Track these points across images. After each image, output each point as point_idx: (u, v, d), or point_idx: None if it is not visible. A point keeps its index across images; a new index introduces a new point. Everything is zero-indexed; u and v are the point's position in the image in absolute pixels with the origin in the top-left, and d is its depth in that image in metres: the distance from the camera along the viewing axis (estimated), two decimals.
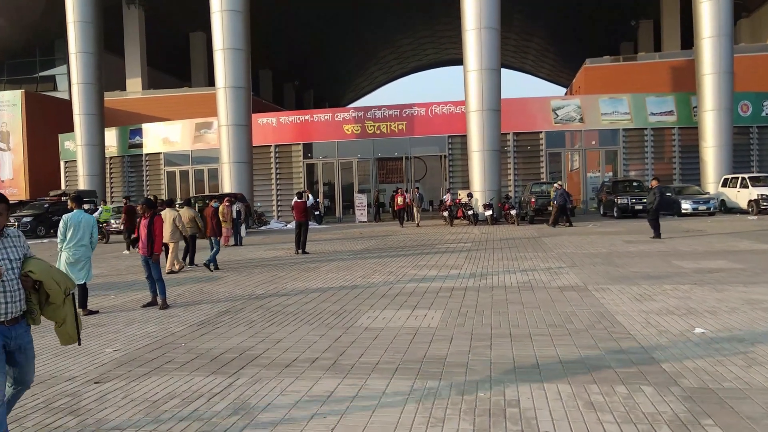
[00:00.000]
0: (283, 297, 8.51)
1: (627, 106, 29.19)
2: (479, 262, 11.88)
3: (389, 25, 55.45)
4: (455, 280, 9.54)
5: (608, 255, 12.12)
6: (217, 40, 26.28)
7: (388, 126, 29.89)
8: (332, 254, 14.63)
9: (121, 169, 34.62)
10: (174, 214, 12.15)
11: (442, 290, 8.63)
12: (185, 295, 9.20)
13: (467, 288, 8.74)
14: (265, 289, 9.35)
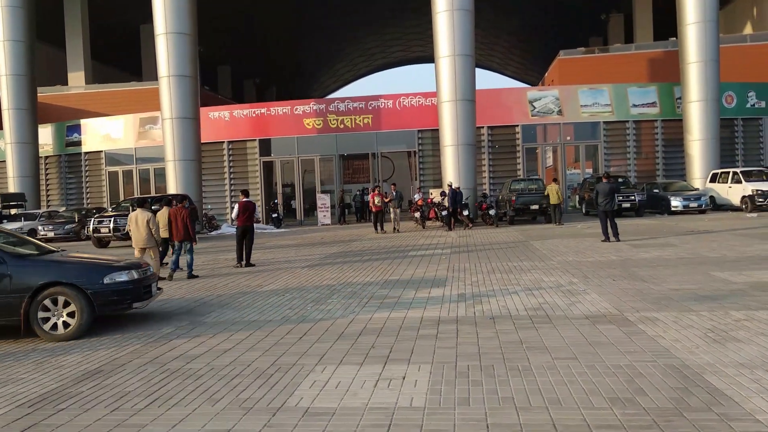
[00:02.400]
0: (194, 342, 5.93)
1: (608, 97, 27.30)
2: (466, 275, 9.48)
3: (353, 21, 53.00)
4: (440, 305, 7.10)
5: (623, 264, 9.86)
6: (158, 23, 23.42)
7: (352, 120, 27.38)
8: (283, 265, 12.05)
9: (58, 170, 31.27)
10: (147, 216, 10.53)
11: (424, 324, 6.18)
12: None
13: (459, 320, 6.30)
14: (174, 326, 6.73)
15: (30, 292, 6.27)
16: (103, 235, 18.89)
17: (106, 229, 18.70)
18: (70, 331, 6.35)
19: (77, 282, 6.39)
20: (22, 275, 6.35)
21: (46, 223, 23.79)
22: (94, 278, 6.48)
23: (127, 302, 6.64)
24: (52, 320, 6.37)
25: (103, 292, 6.44)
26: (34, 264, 6.60)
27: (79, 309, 6.34)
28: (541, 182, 22.47)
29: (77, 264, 6.86)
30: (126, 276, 6.65)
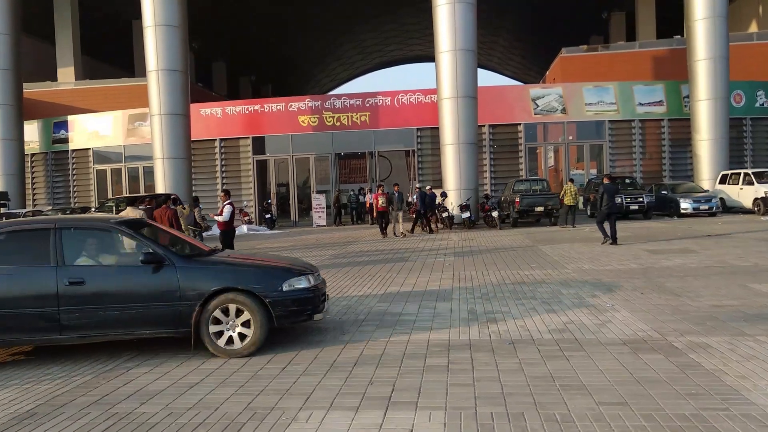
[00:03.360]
0: (155, 372, 4.97)
1: (613, 95, 26.39)
2: (474, 285, 8.54)
3: (352, 18, 52.05)
4: (449, 325, 6.15)
5: (645, 273, 8.94)
6: (147, 14, 22.39)
7: (349, 117, 26.39)
8: None
9: (45, 168, 30.22)
10: (139, 214, 10.04)
11: (432, 350, 5.23)
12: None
13: (473, 344, 5.35)
14: (138, 349, 5.77)
15: (201, 299, 5.28)
16: None
17: None
18: (247, 344, 5.33)
19: (254, 288, 5.38)
20: (192, 279, 5.34)
21: None
22: (272, 284, 5.45)
23: (307, 313, 5.60)
24: (226, 333, 5.36)
25: (282, 301, 5.41)
26: (203, 266, 5.59)
27: (256, 321, 5.32)
28: (546, 183, 21.56)
29: (252, 267, 5.82)
30: (305, 282, 5.63)
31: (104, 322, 5.26)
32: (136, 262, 5.41)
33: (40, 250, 5.40)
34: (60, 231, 5.48)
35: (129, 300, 5.26)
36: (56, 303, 5.18)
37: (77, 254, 5.55)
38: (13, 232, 5.60)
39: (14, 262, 5.38)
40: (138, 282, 5.33)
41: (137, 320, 5.27)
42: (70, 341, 5.31)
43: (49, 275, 5.26)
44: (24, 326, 5.22)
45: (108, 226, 5.76)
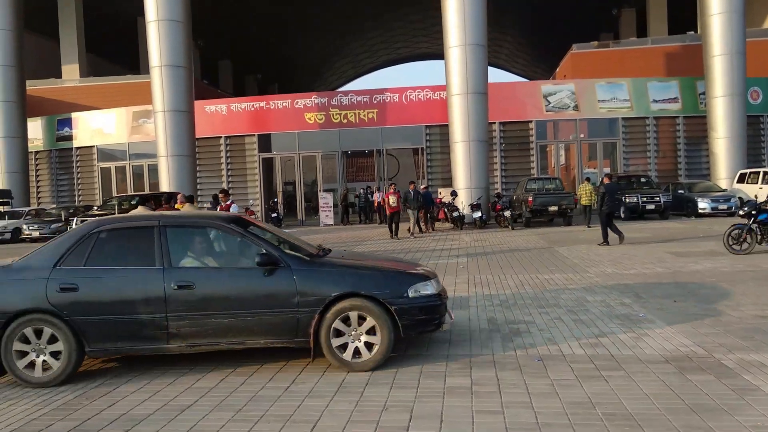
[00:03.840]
0: (145, 391, 4.50)
1: (627, 92, 25.77)
2: (491, 291, 8.01)
3: (358, 16, 51.54)
4: (468, 337, 5.63)
5: (674, 278, 8.39)
6: (150, 9, 21.95)
7: (356, 115, 25.88)
8: None
9: (49, 166, 29.86)
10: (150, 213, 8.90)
11: (452, 368, 4.70)
12: None
13: (497, 361, 4.82)
14: (118, 369, 5.28)
15: (321, 306, 4.74)
16: None
17: None
18: (374, 356, 4.74)
19: (379, 294, 4.79)
20: (310, 284, 4.80)
21: (31, 222, 22.39)
22: (397, 290, 4.86)
23: (435, 323, 5.00)
24: (351, 345, 4.79)
25: (409, 309, 4.82)
26: (322, 269, 5.00)
27: (383, 331, 4.74)
28: (560, 182, 20.97)
29: (375, 270, 5.22)
30: (431, 287, 5.03)
31: (215, 330, 4.76)
32: (249, 264, 4.92)
33: (144, 250, 4.95)
34: (165, 229, 5.01)
35: (242, 306, 4.76)
36: (164, 309, 4.73)
37: (183, 255, 5.07)
38: (114, 230, 5.12)
39: (117, 263, 4.93)
40: (251, 286, 4.82)
41: (251, 329, 4.76)
42: (179, 351, 4.82)
43: (155, 278, 4.80)
44: (130, 334, 4.76)
45: (216, 224, 5.23)
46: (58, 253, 4.91)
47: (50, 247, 5.05)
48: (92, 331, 4.73)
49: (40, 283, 4.76)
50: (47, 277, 4.78)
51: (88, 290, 4.77)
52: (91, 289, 4.78)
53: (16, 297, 4.77)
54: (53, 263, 4.85)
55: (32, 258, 5.03)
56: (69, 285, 4.75)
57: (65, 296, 4.73)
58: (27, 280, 4.82)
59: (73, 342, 4.70)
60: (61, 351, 4.70)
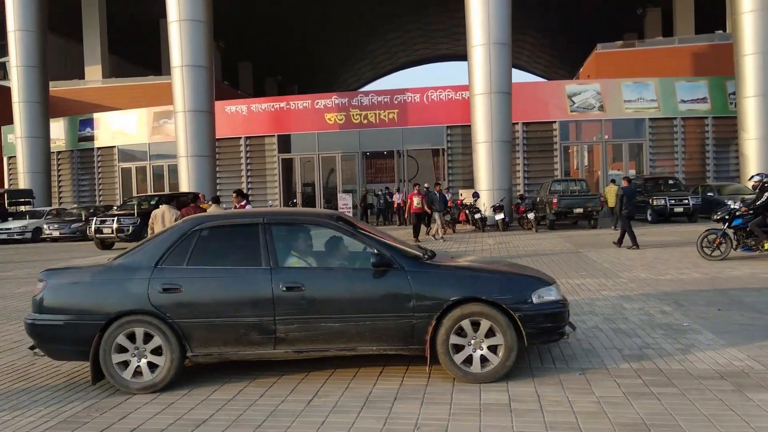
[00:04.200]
0: (157, 404, 4.25)
1: (654, 92, 25.13)
2: None
3: (377, 18, 51.37)
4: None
5: (712, 283, 7.95)
6: (171, 9, 21.91)
7: (376, 115, 25.61)
8: None
9: (70, 166, 30.03)
10: (175, 214, 9.49)
11: (486, 385, 4.36)
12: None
13: (535, 374, 4.47)
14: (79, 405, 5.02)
15: (438, 311, 4.40)
16: (105, 236, 17.38)
17: (108, 229, 17.18)
18: (498, 367, 4.38)
19: (501, 299, 4.43)
20: (427, 287, 4.47)
21: (52, 222, 22.45)
22: (521, 295, 4.52)
23: (560, 331, 4.64)
24: (471, 354, 4.44)
25: (534, 316, 4.47)
26: (438, 271, 4.65)
27: (506, 340, 4.38)
28: (585, 183, 20.47)
29: (496, 273, 4.84)
30: (555, 293, 4.69)
31: (325, 335, 4.46)
32: (359, 265, 4.66)
33: (248, 248, 4.67)
34: (269, 227, 4.73)
35: (354, 310, 4.45)
36: (272, 312, 4.44)
37: (289, 254, 4.80)
38: (216, 227, 4.84)
39: (221, 262, 4.66)
40: (363, 289, 4.51)
41: (363, 334, 4.45)
42: (285, 356, 4.55)
43: (262, 279, 4.51)
44: (235, 338, 4.48)
45: (324, 221, 4.93)
46: (158, 252, 4.65)
47: (150, 245, 4.79)
48: (196, 334, 4.47)
49: (142, 283, 4.51)
50: (149, 277, 4.53)
51: (192, 291, 4.52)
52: (196, 290, 4.53)
53: (116, 298, 4.53)
54: (154, 262, 4.59)
55: (131, 257, 4.75)
56: (172, 285, 4.50)
57: (168, 297, 4.48)
58: (128, 280, 4.56)
59: (176, 346, 4.45)
60: (163, 355, 4.46)
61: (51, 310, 4.56)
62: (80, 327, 4.47)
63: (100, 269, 4.74)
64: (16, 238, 22.13)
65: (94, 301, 4.54)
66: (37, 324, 4.58)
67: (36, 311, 4.64)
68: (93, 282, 4.64)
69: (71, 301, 4.59)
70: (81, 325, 4.48)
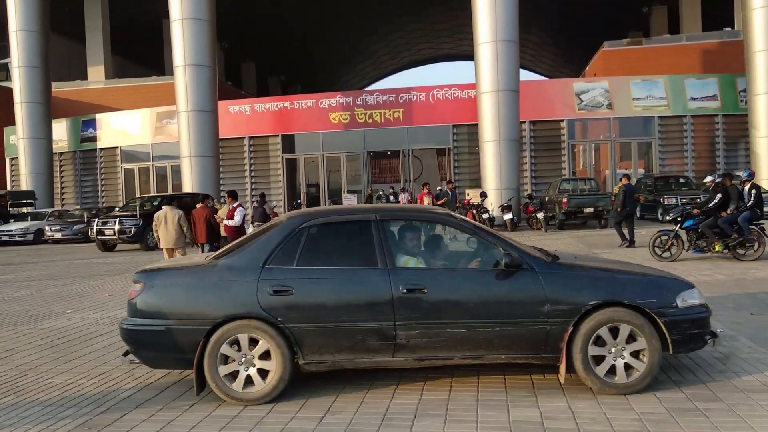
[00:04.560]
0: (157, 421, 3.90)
1: (663, 89, 24.75)
2: None
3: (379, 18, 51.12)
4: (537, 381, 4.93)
5: (738, 285, 7.62)
6: (174, 8, 21.65)
7: (381, 114, 25.29)
8: None
9: (73, 167, 29.79)
10: (178, 213, 10.05)
11: (514, 396, 4.02)
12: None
13: (567, 388, 4.13)
14: (127, 390, 4.69)
15: (575, 316, 4.02)
16: (107, 238, 17.09)
17: (110, 231, 16.89)
18: (642, 376, 4.01)
19: (645, 303, 4.03)
20: (561, 290, 4.10)
21: (53, 223, 22.18)
22: (665, 298, 4.12)
23: (704, 338, 4.23)
24: (612, 363, 4.05)
25: (680, 322, 4.07)
26: (572, 272, 4.29)
27: (651, 347, 3.99)
28: (595, 182, 20.14)
29: (635, 275, 4.43)
30: (697, 296, 4.30)
31: (449, 342, 4.09)
32: (484, 265, 4.32)
33: (362, 247, 4.31)
34: (383, 224, 4.36)
35: (482, 315, 4.08)
36: (392, 316, 4.07)
37: (405, 253, 4.45)
38: (326, 225, 4.48)
39: (333, 262, 4.30)
40: (491, 291, 4.16)
41: (491, 341, 4.08)
42: (404, 365, 4.19)
43: (380, 280, 4.14)
44: (352, 344, 4.11)
45: (443, 218, 4.58)
46: (264, 251, 4.27)
47: (254, 244, 4.41)
48: (309, 340, 4.11)
49: (250, 285, 4.14)
50: (257, 278, 4.16)
51: (304, 293, 4.16)
52: (308, 293, 4.17)
53: (223, 301, 4.16)
54: (261, 263, 4.22)
55: (235, 256, 4.37)
56: (283, 287, 4.13)
57: (279, 300, 4.11)
58: (235, 282, 4.20)
59: (287, 353, 4.08)
60: (273, 363, 4.08)
61: (150, 315, 4.22)
62: (183, 333, 4.13)
63: (203, 270, 4.37)
64: (18, 239, 21.87)
65: (198, 305, 4.19)
66: (135, 329, 4.23)
67: (133, 315, 4.28)
68: (196, 284, 4.28)
69: (173, 304, 4.25)
70: (184, 330, 4.13)
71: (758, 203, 9.93)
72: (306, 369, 4.18)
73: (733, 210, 9.91)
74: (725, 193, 9.97)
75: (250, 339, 4.11)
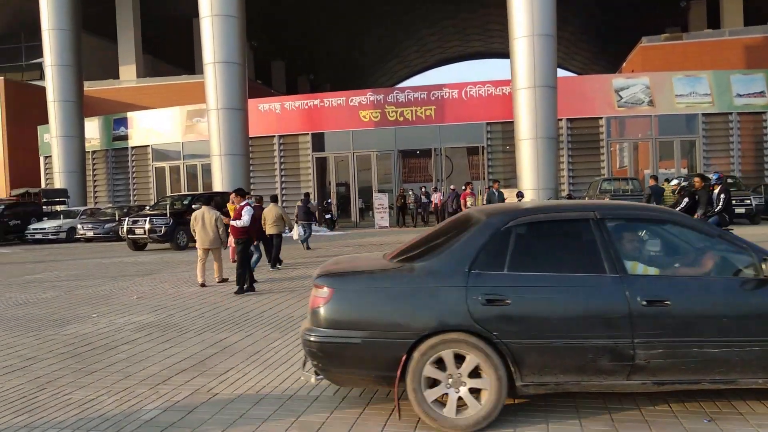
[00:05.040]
0: None
1: (707, 85, 23.70)
2: None
3: (410, 16, 50.63)
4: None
5: None
6: (204, 4, 21.46)
7: (413, 112, 24.74)
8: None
9: (105, 165, 29.93)
10: (215, 214, 9.78)
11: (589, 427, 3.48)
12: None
13: (651, 421, 3.57)
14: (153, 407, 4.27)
15: None
16: (138, 237, 16.91)
17: (141, 230, 16.71)
18: None
19: None
20: None
21: (86, 222, 22.18)
22: None
23: None
24: None
25: None
26: None
27: None
28: (638, 182, 19.35)
29: None
30: None
31: (697, 363, 3.53)
32: (729, 273, 3.81)
33: (583, 250, 3.80)
34: (604, 223, 3.82)
35: (737, 332, 3.52)
36: (629, 332, 3.52)
37: (636, 258, 3.92)
38: (536, 224, 3.94)
39: (550, 267, 3.75)
40: (749, 304, 3.60)
41: (748, 362, 3.52)
42: (641, 389, 3.62)
43: (612, 290, 3.60)
44: (579, 364, 3.56)
45: (671, 217, 4.03)
46: (468, 254, 3.75)
47: (455, 245, 3.86)
48: (531, 359, 3.58)
49: (458, 292, 3.63)
50: (465, 285, 3.64)
51: (523, 304, 3.62)
52: (528, 303, 3.63)
53: (428, 310, 3.64)
54: (467, 267, 3.70)
55: (434, 259, 3.85)
56: (498, 296, 3.60)
57: (493, 311, 3.59)
58: (440, 289, 3.68)
59: (503, 373, 3.56)
60: (487, 383, 3.56)
61: (344, 325, 3.70)
62: (383, 346, 3.63)
63: (400, 274, 3.85)
64: (51, 238, 21.95)
65: (400, 314, 3.67)
66: (326, 341, 3.72)
67: (321, 325, 3.76)
68: (396, 290, 3.76)
69: (371, 313, 3.72)
70: (384, 344, 3.63)
71: (727, 208, 9.18)
72: (523, 392, 3.64)
73: (701, 215, 9.18)
74: (693, 196, 9.33)
75: (455, 355, 3.60)
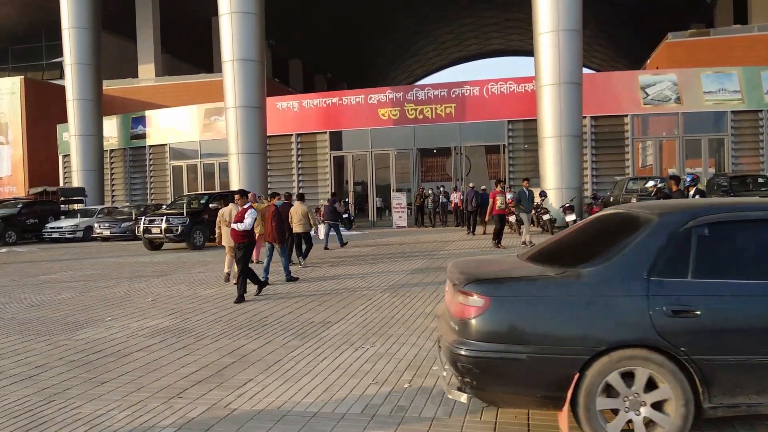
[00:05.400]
0: None
1: (737, 82, 22.97)
2: None
3: (427, 14, 50.21)
4: None
5: None
6: (223, 1, 21.21)
7: (433, 110, 24.31)
8: (355, 284, 9.18)
9: (123, 164, 29.90)
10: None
11: None
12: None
13: None
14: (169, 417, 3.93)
15: None
16: (154, 236, 16.70)
17: (157, 229, 16.49)
18: None
19: None
20: None
21: (102, 221, 22.06)
22: None
23: None
24: None
25: None
26: None
27: None
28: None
29: None
30: None
31: None
32: None
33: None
34: None
35: None
36: None
37: None
38: (721, 224, 3.48)
39: (744, 274, 3.34)
40: None
41: None
42: None
43: None
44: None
45: None
46: (645, 259, 3.34)
47: (627, 249, 3.42)
48: (723, 378, 3.19)
49: (638, 303, 3.22)
50: (645, 294, 3.23)
51: (713, 315, 3.21)
52: (719, 314, 3.23)
53: (603, 324, 3.24)
54: (645, 273, 3.29)
55: (604, 264, 3.39)
56: (684, 307, 3.20)
57: (681, 324, 3.18)
58: (616, 298, 3.26)
59: (690, 394, 3.17)
60: (672, 406, 3.18)
61: (504, 338, 3.30)
62: (551, 363, 3.23)
63: (567, 281, 3.41)
64: (68, 237, 21.86)
65: (571, 328, 3.27)
66: (484, 357, 3.30)
67: (473, 338, 3.34)
68: (564, 300, 3.32)
69: (538, 326, 3.31)
70: (554, 360, 3.23)
71: None
72: (710, 414, 3.23)
73: None
74: (667, 198, 8.96)
75: (623, 374, 3.21)
